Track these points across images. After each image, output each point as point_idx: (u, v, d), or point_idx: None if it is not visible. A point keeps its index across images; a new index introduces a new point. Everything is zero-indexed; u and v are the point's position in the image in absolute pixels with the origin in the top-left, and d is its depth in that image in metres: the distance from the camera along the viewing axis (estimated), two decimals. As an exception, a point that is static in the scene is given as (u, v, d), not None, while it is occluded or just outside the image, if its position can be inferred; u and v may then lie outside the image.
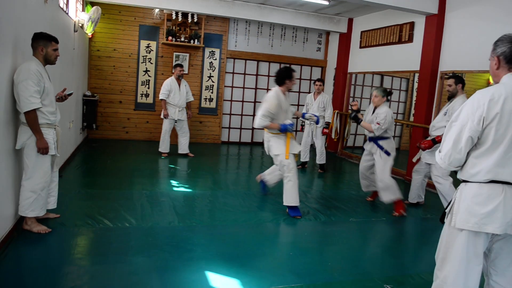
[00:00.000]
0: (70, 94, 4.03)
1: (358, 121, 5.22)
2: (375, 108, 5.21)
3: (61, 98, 3.93)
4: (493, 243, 2.31)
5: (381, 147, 5.12)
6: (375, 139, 5.20)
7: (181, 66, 7.62)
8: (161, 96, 7.51)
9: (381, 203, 5.76)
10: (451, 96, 5.03)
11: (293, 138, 4.94)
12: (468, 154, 2.26)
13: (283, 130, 4.70)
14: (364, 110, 5.85)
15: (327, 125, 7.31)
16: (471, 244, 2.24)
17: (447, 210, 2.39)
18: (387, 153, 5.08)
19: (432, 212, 5.39)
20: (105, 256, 3.38)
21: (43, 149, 3.51)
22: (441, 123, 4.99)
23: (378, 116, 5.05)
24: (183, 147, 7.84)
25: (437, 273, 2.42)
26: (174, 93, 7.54)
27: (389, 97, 5.17)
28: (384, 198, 5.16)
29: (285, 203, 4.82)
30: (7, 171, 3.43)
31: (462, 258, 2.25)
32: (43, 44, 3.54)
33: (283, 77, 4.74)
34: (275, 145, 4.81)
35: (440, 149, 2.34)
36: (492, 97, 2.14)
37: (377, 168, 5.16)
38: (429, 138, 5.00)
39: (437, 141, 4.77)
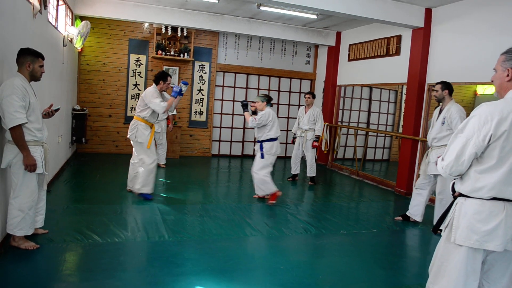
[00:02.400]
0: (57, 110, 3.97)
1: (246, 108, 5.84)
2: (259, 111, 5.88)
3: (48, 114, 3.87)
4: (487, 255, 2.30)
5: (261, 149, 5.76)
6: (261, 141, 5.79)
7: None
8: None
9: (371, 215, 5.79)
10: (438, 102, 5.06)
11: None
12: (470, 166, 2.24)
13: (177, 94, 5.45)
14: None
15: (317, 138, 7.35)
16: (470, 260, 2.24)
17: (444, 225, 2.37)
18: (262, 156, 5.73)
19: (423, 223, 5.40)
20: (94, 272, 3.34)
21: (30, 166, 3.43)
22: (442, 133, 4.90)
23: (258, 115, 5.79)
24: (160, 157, 7.83)
25: (430, 286, 2.41)
26: None
27: (271, 102, 5.90)
28: (259, 192, 5.88)
29: (138, 191, 5.52)
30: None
31: (460, 273, 2.24)
32: (31, 60, 3.49)
33: (159, 78, 5.57)
34: (141, 133, 5.47)
35: (443, 157, 2.31)
36: (501, 114, 2.11)
37: (255, 165, 5.84)
38: (438, 154, 4.68)
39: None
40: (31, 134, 3.49)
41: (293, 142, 7.77)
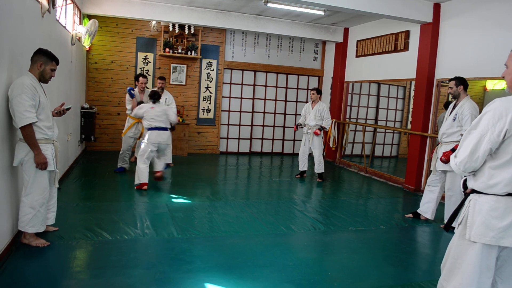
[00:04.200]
0: (68, 109, 4.01)
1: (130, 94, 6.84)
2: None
3: (59, 113, 3.91)
4: (501, 251, 2.28)
5: None
6: None
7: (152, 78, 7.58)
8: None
9: (379, 212, 5.77)
10: (454, 98, 4.96)
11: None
12: (483, 162, 2.21)
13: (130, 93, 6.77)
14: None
15: (321, 128, 7.30)
16: (485, 256, 2.22)
17: (458, 222, 2.35)
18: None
19: (432, 220, 5.36)
20: (104, 269, 3.37)
21: (41, 164, 3.47)
22: (452, 129, 4.84)
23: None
24: (167, 157, 7.79)
25: (443, 284, 2.39)
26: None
27: (154, 97, 6.22)
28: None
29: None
30: (4, 187, 3.40)
31: (475, 270, 2.22)
32: (44, 61, 3.52)
33: (135, 79, 6.91)
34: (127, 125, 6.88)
35: (456, 154, 2.29)
36: None
37: None
38: (446, 150, 4.61)
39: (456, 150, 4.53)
40: (42, 132, 3.52)
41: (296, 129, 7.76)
